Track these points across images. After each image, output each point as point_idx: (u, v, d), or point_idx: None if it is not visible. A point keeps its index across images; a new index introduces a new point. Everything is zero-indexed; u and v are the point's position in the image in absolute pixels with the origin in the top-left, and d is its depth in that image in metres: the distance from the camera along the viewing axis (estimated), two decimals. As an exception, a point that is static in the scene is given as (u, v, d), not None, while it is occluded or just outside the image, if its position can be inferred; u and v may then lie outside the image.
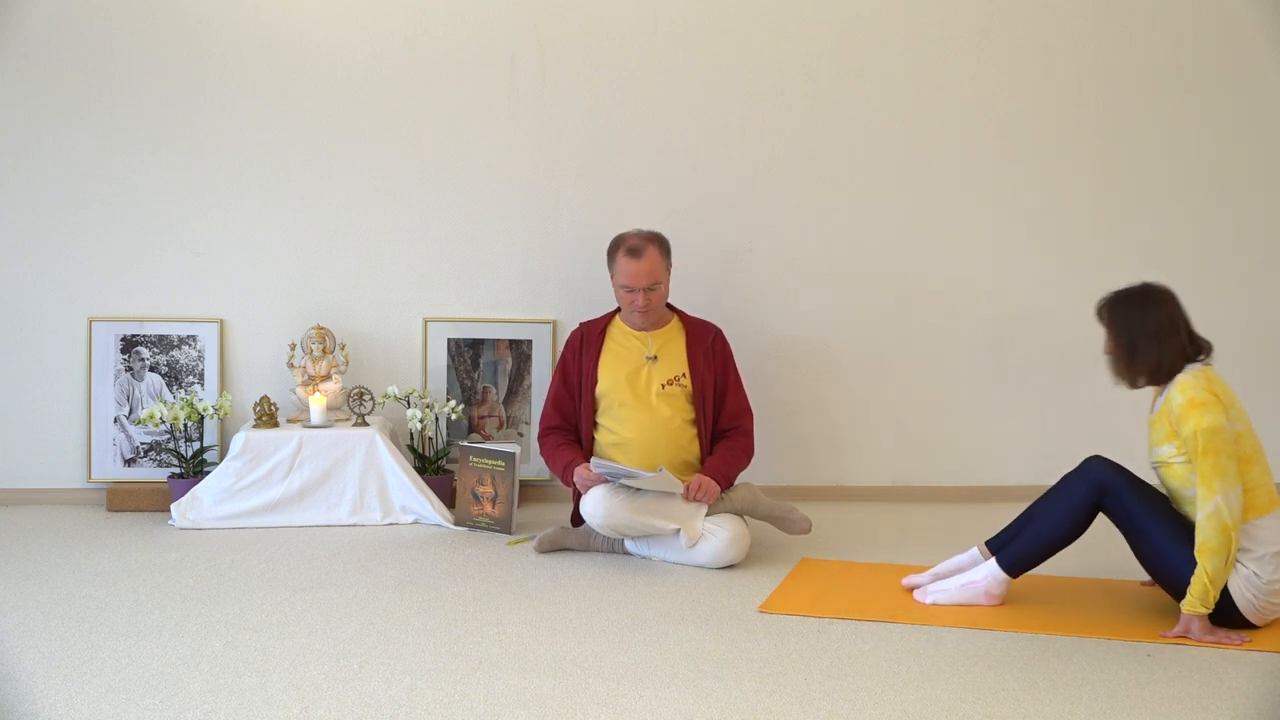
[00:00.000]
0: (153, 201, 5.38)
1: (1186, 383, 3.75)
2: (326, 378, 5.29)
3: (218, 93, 5.38)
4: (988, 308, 5.65)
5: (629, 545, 4.59)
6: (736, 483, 4.69)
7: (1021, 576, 3.99)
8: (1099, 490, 3.84)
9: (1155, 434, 3.86)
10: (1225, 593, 3.67)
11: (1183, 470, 3.74)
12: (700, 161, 5.54)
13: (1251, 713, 3.12)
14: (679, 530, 4.43)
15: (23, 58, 5.28)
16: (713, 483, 4.48)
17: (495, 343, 5.54)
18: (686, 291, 5.10)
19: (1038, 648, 3.60)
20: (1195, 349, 3.86)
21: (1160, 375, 3.85)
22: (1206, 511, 3.62)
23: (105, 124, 5.34)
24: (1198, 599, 3.63)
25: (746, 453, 4.75)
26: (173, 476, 5.19)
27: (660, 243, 4.73)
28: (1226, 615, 3.69)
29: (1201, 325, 5.67)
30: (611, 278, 4.75)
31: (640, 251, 4.66)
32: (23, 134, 5.32)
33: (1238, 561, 3.68)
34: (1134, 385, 3.91)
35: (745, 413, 4.81)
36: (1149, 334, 3.83)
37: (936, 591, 4.02)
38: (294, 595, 4.04)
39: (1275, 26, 5.67)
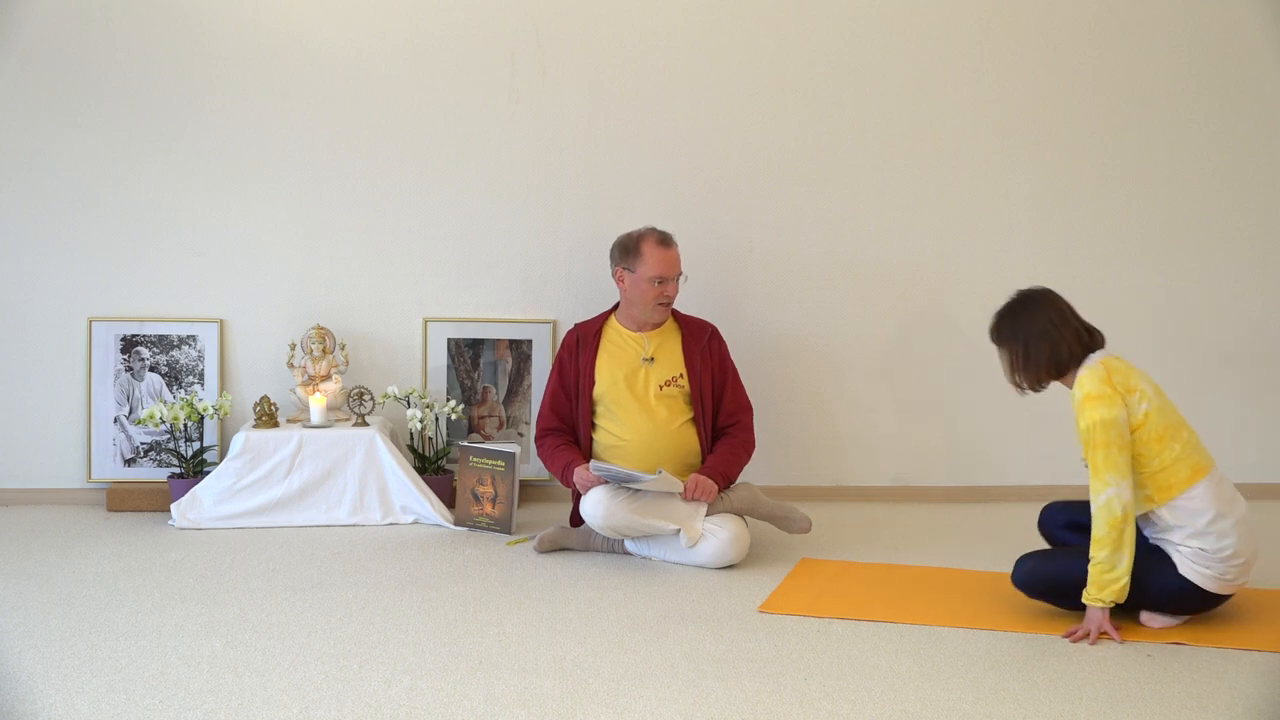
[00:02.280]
0: (153, 201, 5.38)
1: (1084, 377, 3.78)
2: (326, 378, 5.29)
3: (218, 93, 5.38)
4: (988, 307, 5.63)
5: (629, 545, 4.59)
6: (736, 482, 4.69)
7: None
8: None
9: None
10: (1189, 581, 3.67)
11: None
12: (700, 161, 5.54)
13: (1251, 713, 3.12)
14: (679, 530, 4.43)
15: (23, 58, 5.28)
16: (710, 482, 4.48)
17: (495, 343, 5.54)
18: (686, 291, 5.09)
19: (1038, 648, 3.60)
20: (1091, 338, 3.87)
21: (1061, 368, 3.85)
22: (1099, 503, 3.66)
23: (105, 124, 5.34)
24: (1094, 591, 3.66)
25: (747, 448, 4.75)
26: (173, 476, 5.19)
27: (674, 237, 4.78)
28: (1199, 598, 3.71)
29: (1202, 324, 5.76)
30: (628, 273, 4.70)
31: (670, 241, 4.70)
32: (23, 134, 5.32)
33: (1177, 545, 3.70)
34: (1038, 387, 3.92)
35: (744, 408, 4.81)
36: (1037, 334, 3.85)
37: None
38: (294, 595, 4.04)
39: (1275, 26, 5.68)
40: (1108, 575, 3.65)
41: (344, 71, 5.42)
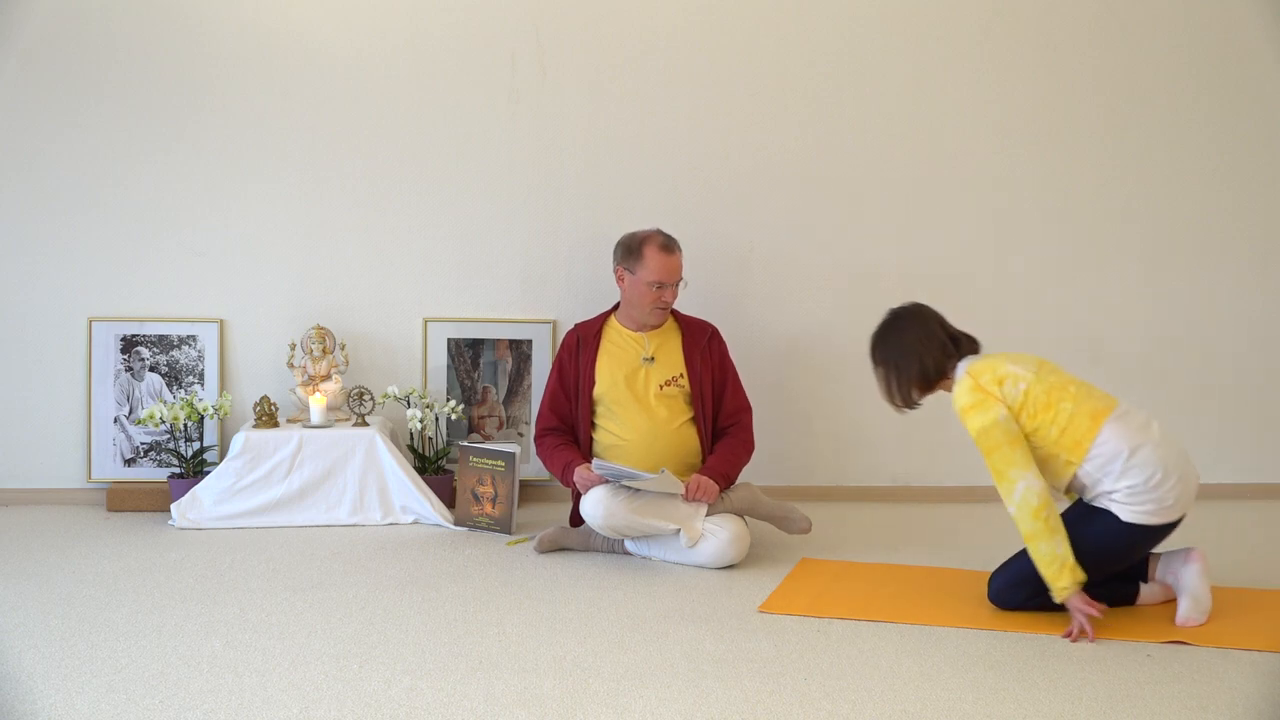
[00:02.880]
0: (153, 201, 5.39)
1: (956, 391, 3.87)
2: (326, 377, 5.29)
3: (218, 93, 5.38)
4: (987, 307, 5.65)
5: (629, 545, 4.59)
6: (737, 482, 4.70)
7: None
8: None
9: None
10: (1135, 525, 3.71)
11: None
12: (700, 161, 5.55)
13: (1251, 713, 3.12)
14: (679, 530, 4.43)
15: (23, 58, 5.28)
16: (711, 482, 4.48)
17: (495, 343, 5.54)
18: (686, 291, 5.09)
19: (1038, 648, 3.60)
20: (957, 347, 3.96)
21: (928, 382, 3.96)
22: (1015, 503, 3.72)
23: (105, 124, 5.34)
24: (1056, 584, 3.69)
25: (746, 448, 4.75)
26: (173, 476, 5.19)
27: (678, 242, 4.77)
28: (1151, 535, 3.76)
29: (1202, 324, 5.75)
30: (628, 274, 4.70)
31: (673, 247, 4.70)
32: (23, 134, 5.32)
33: (1111, 495, 3.74)
34: (912, 404, 4.02)
35: (744, 408, 4.81)
36: (905, 351, 3.95)
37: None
38: (294, 595, 4.04)
39: (1275, 26, 5.68)
40: (1056, 565, 3.69)
41: (344, 71, 5.42)
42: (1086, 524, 3.78)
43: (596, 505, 4.40)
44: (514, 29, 5.45)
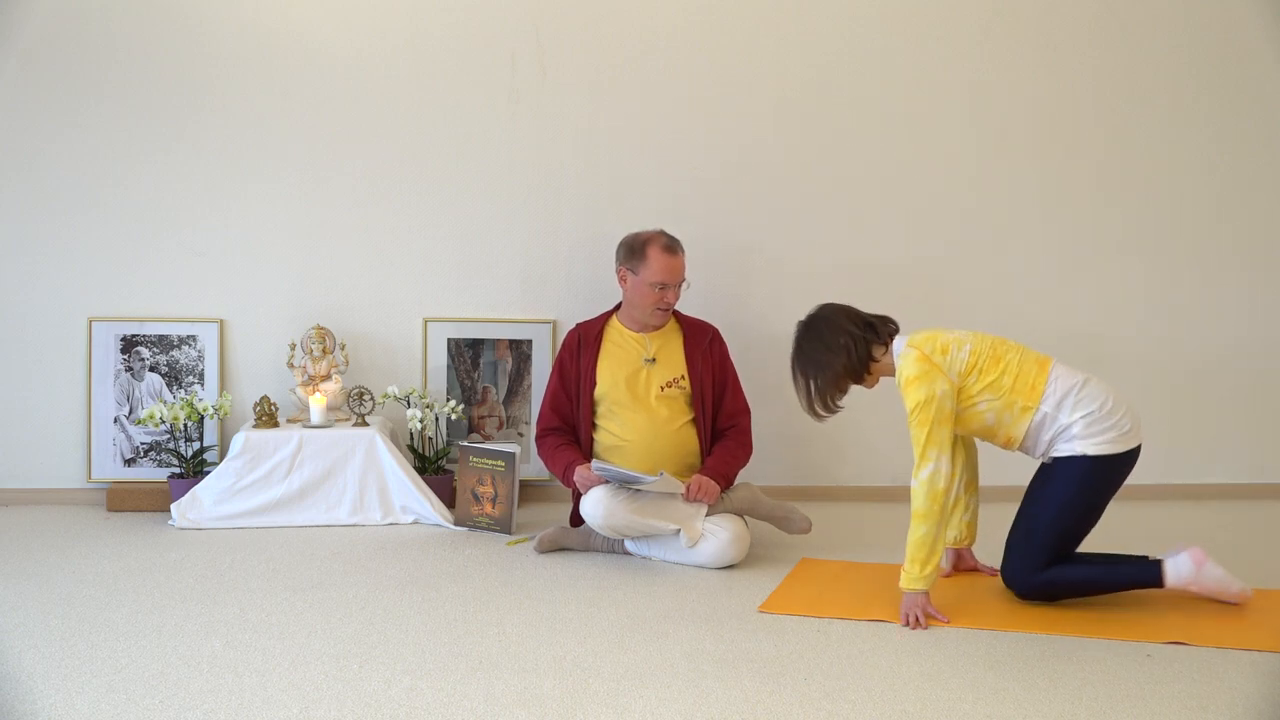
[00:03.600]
0: (153, 201, 5.39)
1: (901, 364, 3.93)
2: (326, 377, 5.29)
3: (218, 93, 5.39)
4: (987, 307, 5.65)
5: (629, 545, 4.59)
6: (736, 482, 4.70)
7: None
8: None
9: None
10: (1099, 457, 3.81)
11: (968, 417, 3.94)
12: (700, 162, 5.55)
13: (1251, 713, 3.12)
14: (679, 530, 4.43)
15: (23, 58, 5.29)
16: (712, 483, 4.49)
17: (495, 343, 5.54)
18: (690, 293, 5.09)
19: (1038, 648, 3.60)
20: (875, 333, 4.04)
21: (861, 370, 4.02)
22: (921, 479, 3.81)
23: (105, 124, 5.35)
24: (915, 570, 3.81)
25: (745, 450, 4.75)
26: (173, 476, 5.19)
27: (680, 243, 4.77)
28: (1115, 466, 3.85)
29: (1201, 324, 5.75)
30: (630, 274, 4.70)
31: (676, 248, 4.70)
32: (23, 134, 5.32)
33: (1069, 429, 3.84)
34: (832, 409, 4.05)
35: (743, 411, 4.81)
36: (821, 356, 4.00)
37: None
38: (294, 595, 4.04)
39: (1275, 26, 5.68)
40: (926, 550, 3.80)
41: (344, 71, 5.42)
42: (1052, 479, 3.91)
43: (596, 505, 4.40)
44: (514, 29, 5.45)
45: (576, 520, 4.73)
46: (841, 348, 3.99)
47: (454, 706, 3.10)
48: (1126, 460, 3.89)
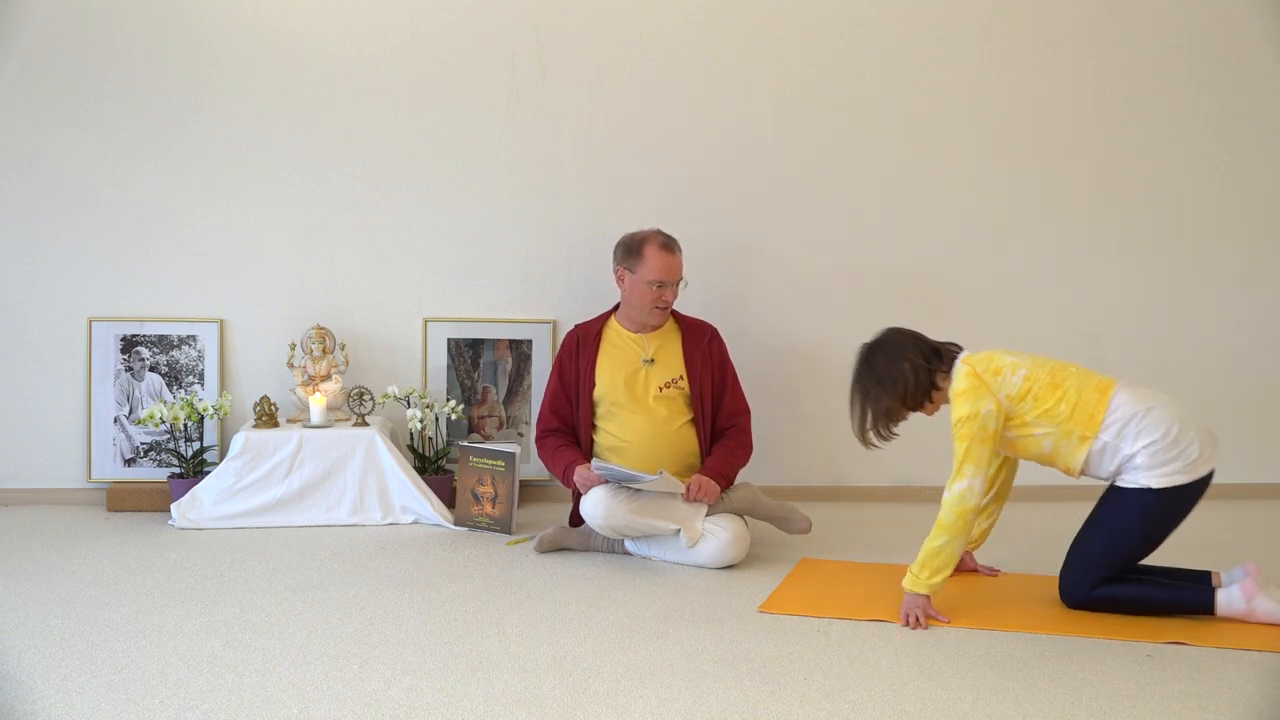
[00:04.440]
0: (153, 201, 5.39)
1: (954, 381, 3.90)
2: (326, 377, 5.29)
3: (218, 93, 5.38)
4: (986, 307, 5.65)
5: (629, 545, 4.58)
6: (736, 482, 4.70)
7: (1025, 576, 4.10)
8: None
9: None
10: (1164, 490, 3.73)
11: (1025, 444, 3.90)
12: (700, 162, 5.55)
13: (1251, 713, 3.12)
14: (679, 530, 4.43)
15: (23, 58, 5.28)
16: (713, 483, 4.49)
17: (495, 343, 5.54)
18: (686, 292, 5.09)
19: (1037, 648, 3.60)
20: (940, 359, 3.96)
21: (922, 399, 3.97)
22: (953, 493, 3.83)
23: (105, 124, 5.34)
24: (923, 575, 3.80)
25: (745, 450, 4.75)
26: (173, 476, 5.19)
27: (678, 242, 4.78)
28: (1182, 496, 3.77)
29: (1201, 324, 5.75)
30: (628, 273, 4.70)
31: (673, 247, 4.70)
32: (22, 134, 5.32)
33: (1132, 459, 3.76)
34: (886, 436, 4.01)
35: (743, 411, 4.81)
36: (883, 383, 3.94)
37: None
38: (294, 595, 4.04)
39: (1275, 26, 5.68)
40: (938, 561, 3.80)
41: (344, 71, 5.42)
42: (1116, 505, 3.83)
43: (596, 505, 4.40)
44: (514, 29, 5.45)
45: (576, 520, 4.73)
46: (902, 376, 3.91)
47: (454, 706, 3.10)
48: (1194, 490, 3.78)
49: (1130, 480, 3.79)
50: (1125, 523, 3.81)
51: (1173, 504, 3.78)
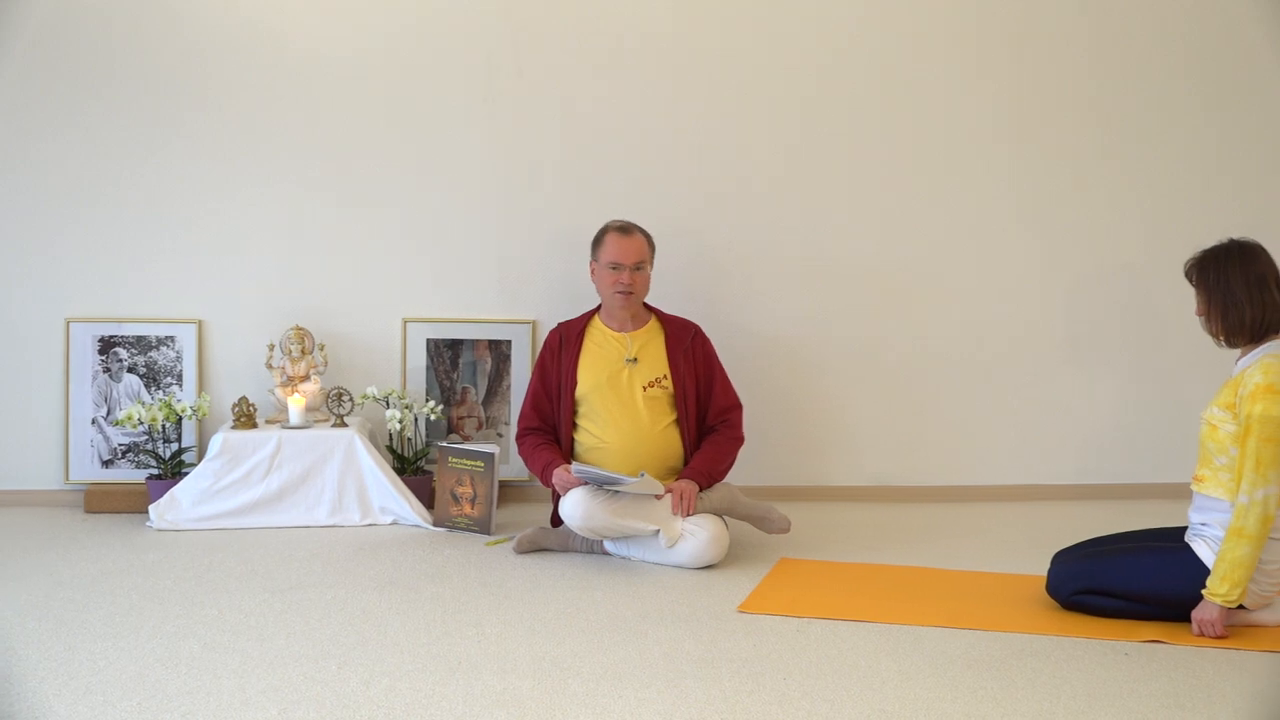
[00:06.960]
0: (130, 202, 5.36)
1: (1269, 364, 3.62)
2: (305, 378, 5.28)
3: (196, 96, 5.37)
4: (970, 307, 5.67)
5: (608, 546, 4.58)
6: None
7: (1004, 576, 4.10)
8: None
9: (1221, 394, 3.74)
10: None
11: (1225, 437, 3.67)
12: (679, 161, 5.55)
13: (1228, 710, 3.13)
14: (658, 531, 4.43)
15: (21, 58, 5.25)
16: (693, 488, 4.48)
17: (474, 343, 5.53)
18: (667, 292, 5.11)
19: (1016, 647, 3.61)
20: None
21: (1257, 332, 3.70)
22: (1253, 498, 3.56)
23: (84, 127, 5.32)
24: (1226, 588, 3.60)
25: (735, 444, 4.75)
26: (151, 478, 5.17)
27: (645, 232, 4.79)
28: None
29: (1191, 325, 5.73)
30: (595, 263, 4.74)
31: (630, 229, 4.73)
32: (8, 137, 5.30)
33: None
34: (1231, 344, 3.79)
35: (734, 405, 4.81)
36: (1235, 293, 3.72)
37: None
38: (273, 597, 4.03)
39: (1275, 27, 5.69)
40: (1241, 571, 3.59)
41: (323, 74, 5.41)
42: (1181, 565, 3.73)
43: (575, 506, 4.40)
44: (490, 30, 5.44)
45: (556, 521, 4.72)
46: (1247, 299, 3.69)
47: (433, 707, 3.10)
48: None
49: (1199, 540, 3.73)
50: (1172, 587, 3.72)
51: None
